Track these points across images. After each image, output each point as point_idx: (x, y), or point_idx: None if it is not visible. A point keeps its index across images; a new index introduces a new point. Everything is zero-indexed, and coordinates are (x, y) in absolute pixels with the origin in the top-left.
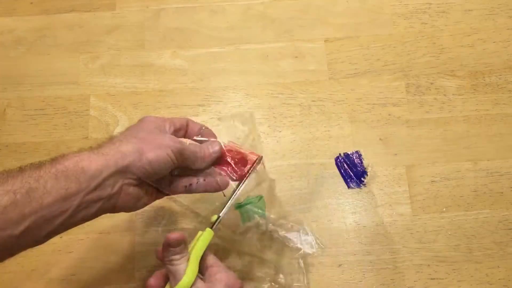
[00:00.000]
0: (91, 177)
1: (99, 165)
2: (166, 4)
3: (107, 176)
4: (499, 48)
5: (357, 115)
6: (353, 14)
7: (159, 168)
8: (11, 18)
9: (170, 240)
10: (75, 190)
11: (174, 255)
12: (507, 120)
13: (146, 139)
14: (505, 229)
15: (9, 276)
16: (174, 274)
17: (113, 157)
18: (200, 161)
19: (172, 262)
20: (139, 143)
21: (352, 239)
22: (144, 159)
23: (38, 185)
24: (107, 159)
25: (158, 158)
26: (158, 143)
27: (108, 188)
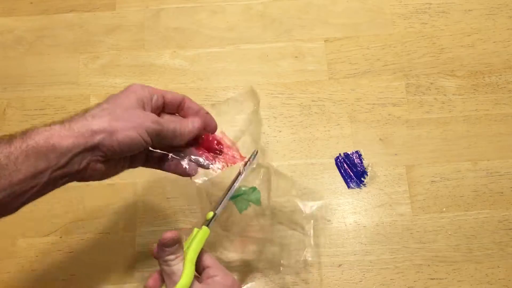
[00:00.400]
0: (61, 155)
1: (69, 143)
2: (166, 4)
3: (76, 154)
4: (499, 48)
5: (357, 115)
6: (353, 14)
7: (128, 149)
8: (11, 18)
9: (164, 240)
10: (44, 167)
11: (169, 255)
12: (507, 120)
13: (121, 117)
14: (505, 229)
15: (9, 276)
16: (169, 275)
17: (83, 135)
18: (179, 139)
19: (167, 263)
20: (112, 121)
21: (352, 239)
22: (114, 139)
23: (8, 162)
24: (77, 137)
25: (129, 139)
26: (133, 122)
27: (76, 165)
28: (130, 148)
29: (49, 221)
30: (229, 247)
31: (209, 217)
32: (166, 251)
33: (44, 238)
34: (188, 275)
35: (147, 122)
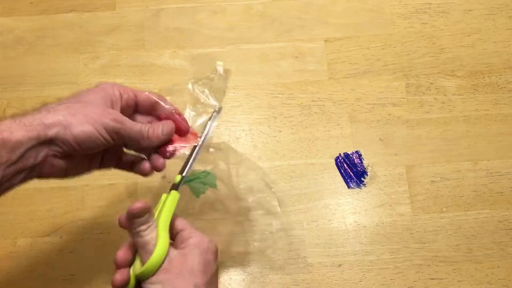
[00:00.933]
0: (12, 149)
1: (19, 136)
2: (166, 4)
3: (29, 148)
4: (499, 48)
5: (357, 115)
6: (353, 14)
7: (86, 145)
8: (11, 18)
9: (134, 211)
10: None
11: (141, 225)
12: (507, 120)
13: (79, 111)
14: (505, 229)
15: (10, 276)
16: (143, 246)
17: (35, 128)
18: (147, 142)
19: (139, 234)
20: (68, 116)
21: (352, 239)
22: (68, 134)
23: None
24: (28, 131)
25: (84, 134)
26: (91, 117)
27: (31, 159)
28: (87, 144)
29: (49, 221)
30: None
31: (177, 181)
32: (137, 222)
33: (44, 238)
34: (163, 243)
35: (106, 118)
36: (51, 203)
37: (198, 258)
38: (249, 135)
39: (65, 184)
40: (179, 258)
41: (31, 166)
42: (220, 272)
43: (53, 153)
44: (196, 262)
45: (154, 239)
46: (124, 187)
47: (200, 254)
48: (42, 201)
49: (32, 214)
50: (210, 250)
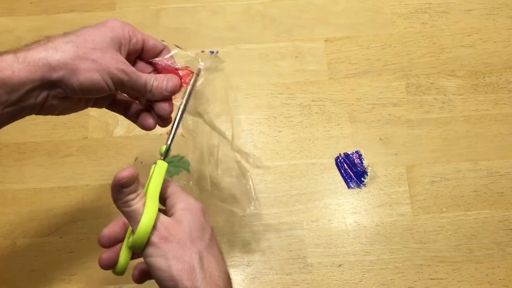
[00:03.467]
0: (12, 90)
1: (22, 77)
2: (166, 4)
3: (31, 89)
4: (499, 48)
5: (357, 115)
6: (353, 14)
7: (88, 91)
8: (11, 18)
9: (121, 179)
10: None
11: (129, 194)
12: (507, 120)
13: (87, 54)
14: (505, 229)
15: (9, 276)
16: (132, 215)
17: (40, 69)
18: (150, 95)
19: (127, 203)
20: (75, 59)
21: (352, 239)
22: (74, 79)
23: None
24: (32, 71)
25: (90, 81)
26: (100, 64)
27: (31, 100)
28: (91, 90)
29: (49, 221)
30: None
31: (162, 151)
32: (125, 192)
33: (44, 238)
34: (150, 210)
35: (114, 68)
36: (51, 203)
37: (193, 223)
38: (249, 135)
39: (65, 184)
40: (174, 225)
41: (30, 106)
42: None
43: (54, 94)
44: (193, 228)
45: (142, 208)
46: None
47: (193, 218)
48: (42, 201)
49: (32, 214)
50: (200, 211)
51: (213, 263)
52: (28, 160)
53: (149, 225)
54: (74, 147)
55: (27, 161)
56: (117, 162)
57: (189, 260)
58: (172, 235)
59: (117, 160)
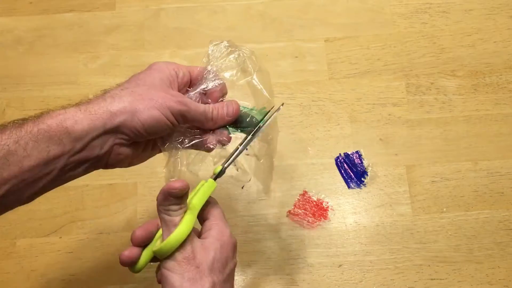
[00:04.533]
0: (76, 139)
1: (85, 125)
2: (166, 3)
3: (94, 137)
4: (499, 48)
5: (357, 115)
6: (353, 14)
7: (152, 130)
8: (10, 18)
9: (172, 189)
10: (58, 153)
11: (173, 205)
12: (507, 120)
13: (143, 96)
14: (506, 229)
15: (9, 276)
16: (168, 224)
17: (101, 116)
18: (211, 123)
19: (168, 212)
20: (133, 102)
21: (352, 239)
22: (136, 120)
23: (17, 147)
24: (94, 120)
25: (152, 119)
26: (156, 101)
27: (96, 149)
28: (155, 129)
29: (49, 221)
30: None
31: (216, 171)
32: (171, 200)
33: (44, 238)
34: (184, 227)
35: (171, 102)
36: (51, 203)
37: (219, 254)
38: None
39: (66, 184)
40: (201, 250)
41: (96, 156)
42: None
43: (119, 141)
44: (217, 259)
45: (179, 221)
46: (124, 187)
47: (221, 249)
48: (42, 201)
49: (32, 214)
50: (230, 245)
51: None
52: None
53: (179, 239)
54: None
55: None
56: None
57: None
58: (196, 259)
59: None
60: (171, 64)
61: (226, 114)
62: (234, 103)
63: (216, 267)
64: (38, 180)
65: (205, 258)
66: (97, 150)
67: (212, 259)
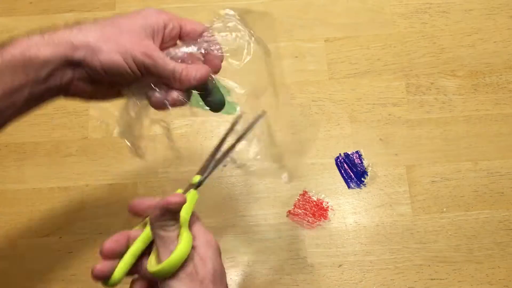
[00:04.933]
0: (39, 67)
1: (47, 54)
2: (166, 4)
3: (56, 67)
4: (499, 48)
5: (357, 115)
6: (353, 14)
7: (112, 73)
8: (10, 18)
9: (171, 204)
10: (22, 82)
11: (170, 220)
12: (507, 120)
13: (111, 37)
14: (506, 229)
15: (9, 276)
16: (165, 241)
17: (63, 47)
18: (177, 84)
19: (164, 228)
20: (98, 40)
21: (352, 239)
22: (96, 59)
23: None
24: (56, 50)
25: (112, 63)
26: (122, 46)
27: (57, 79)
28: (114, 73)
29: (49, 221)
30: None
31: (195, 182)
32: (168, 215)
33: (44, 238)
34: (187, 243)
35: (137, 51)
36: (51, 203)
37: (217, 264)
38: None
39: (65, 184)
40: (200, 263)
41: (57, 86)
42: None
43: (79, 76)
44: (216, 269)
45: (177, 237)
46: (124, 187)
47: (215, 257)
48: (42, 201)
49: (32, 214)
50: (218, 250)
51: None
52: (28, 160)
53: (182, 258)
54: (74, 147)
55: (27, 161)
56: (117, 162)
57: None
58: (198, 274)
59: (117, 160)
60: (163, 14)
61: (193, 78)
62: (205, 70)
63: (218, 279)
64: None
65: (206, 271)
66: (57, 81)
67: (212, 271)
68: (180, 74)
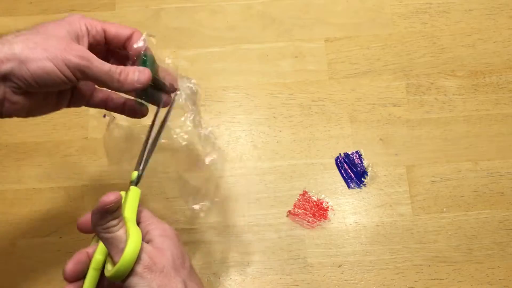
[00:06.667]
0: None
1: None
2: (166, 3)
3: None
4: (499, 48)
5: (357, 115)
6: (353, 14)
7: (44, 82)
8: (10, 18)
9: (107, 204)
10: None
11: (111, 220)
12: (507, 120)
13: (38, 45)
14: (506, 229)
15: (9, 276)
16: (113, 242)
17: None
18: (116, 85)
19: (109, 229)
20: (24, 50)
21: (352, 239)
22: (25, 70)
23: None
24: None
25: (43, 71)
26: (52, 53)
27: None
28: (47, 82)
29: (49, 221)
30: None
31: (133, 178)
32: (108, 217)
33: (44, 238)
34: (135, 238)
35: (69, 54)
36: (51, 203)
37: (175, 250)
38: (249, 135)
39: (65, 184)
40: (156, 252)
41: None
42: (220, 272)
43: (11, 89)
44: (175, 256)
45: (124, 235)
46: (124, 187)
47: (174, 245)
48: (42, 201)
49: (32, 214)
50: (176, 237)
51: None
52: (28, 160)
53: (135, 253)
54: (74, 147)
55: (27, 161)
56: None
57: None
58: (156, 264)
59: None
60: (85, 19)
61: (136, 81)
62: (147, 72)
63: (178, 264)
64: None
65: (164, 259)
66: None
67: (171, 257)
68: (118, 76)
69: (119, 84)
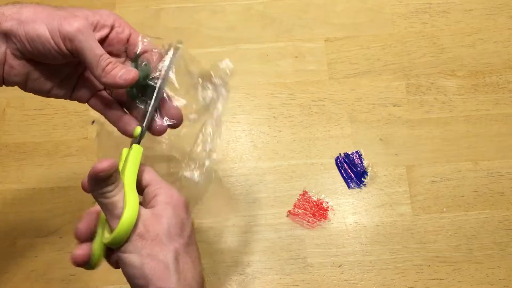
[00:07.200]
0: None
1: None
2: (166, 3)
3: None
4: (499, 48)
5: (357, 115)
6: (353, 14)
7: (36, 46)
8: None
9: (99, 173)
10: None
11: (107, 186)
12: (507, 120)
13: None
14: (506, 229)
15: (9, 276)
16: (110, 208)
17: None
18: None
19: (105, 195)
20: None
21: (352, 239)
22: (21, 29)
23: None
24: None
25: (35, 33)
26: (51, 18)
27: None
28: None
29: (49, 221)
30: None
31: (137, 134)
32: (102, 183)
33: (44, 238)
34: (132, 204)
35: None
36: (51, 203)
37: (173, 218)
38: (249, 135)
39: (65, 184)
40: (152, 220)
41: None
42: (220, 272)
43: (11, 51)
44: (172, 223)
45: (121, 201)
46: None
47: (174, 213)
48: (42, 201)
49: (32, 214)
50: (181, 205)
51: (189, 263)
52: (28, 160)
53: (131, 222)
54: (74, 147)
55: (27, 161)
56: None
57: (164, 259)
58: (149, 232)
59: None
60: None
61: (119, 76)
62: (133, 73)
63: (174, 233)
64: None
65: (159, 227)
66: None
67: (167, 225)
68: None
69: (103, 73)
